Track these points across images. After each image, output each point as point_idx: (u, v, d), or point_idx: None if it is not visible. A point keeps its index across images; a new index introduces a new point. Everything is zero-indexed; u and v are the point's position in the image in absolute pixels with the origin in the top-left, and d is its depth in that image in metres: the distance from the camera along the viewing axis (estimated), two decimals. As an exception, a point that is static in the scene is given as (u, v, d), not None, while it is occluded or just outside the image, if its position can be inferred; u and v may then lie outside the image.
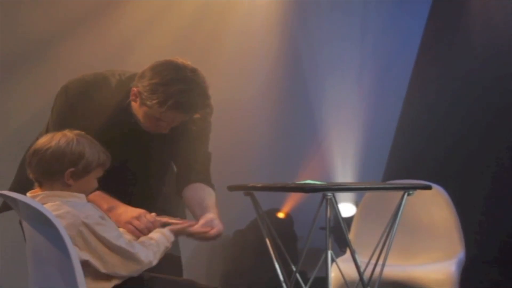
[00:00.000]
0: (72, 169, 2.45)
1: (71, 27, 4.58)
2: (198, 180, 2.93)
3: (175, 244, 2.71)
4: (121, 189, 2.78)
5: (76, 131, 2.52)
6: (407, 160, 5.11)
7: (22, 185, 2.61)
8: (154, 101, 2.66)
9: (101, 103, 2.79)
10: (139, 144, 2.85)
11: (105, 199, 2.69)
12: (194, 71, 2.69)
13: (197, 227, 2.69)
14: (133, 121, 2.79)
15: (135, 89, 2.73)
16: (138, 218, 2.63)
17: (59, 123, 2.75)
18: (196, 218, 2.81)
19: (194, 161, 2.94)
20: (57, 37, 4.55)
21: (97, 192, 2.65)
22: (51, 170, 2.45)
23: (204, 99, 2.70)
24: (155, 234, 2.60)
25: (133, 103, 2.77)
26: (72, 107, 2.79)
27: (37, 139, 2.69)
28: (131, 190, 2.88)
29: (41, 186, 2.49)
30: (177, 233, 2.66)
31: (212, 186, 2.97)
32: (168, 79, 2.66)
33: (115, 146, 2.71)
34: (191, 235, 2.71)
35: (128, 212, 2.66)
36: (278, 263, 3.29)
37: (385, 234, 3.14)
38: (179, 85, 2.65)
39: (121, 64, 3.01)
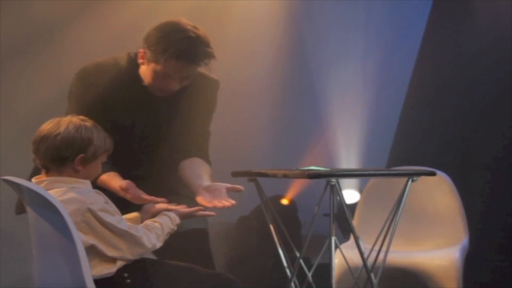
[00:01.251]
0: (82, 154, 2.46)
1: (74, 12, 4.57)
2: (198, 155, 3.00)
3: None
4: (136, 162, 2.89)
5: (81, 117, 2.53)
6: (411, 147, 5.10)
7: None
8: (158, 52, 2.78)
9: (115, 81, 2.88)
10: (152, 110, 2.92)
11: None
12: (194, 26, 2.83)
13: (205, 212, 2.74)
14: (144, 85, 2.88)
15: (141, 50, 2.84)
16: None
17: (76, 106, 2.85)
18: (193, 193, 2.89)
19: (196, 135, 3.01)
20: (60, 23, 4.55)
21: None
22: (61, 156, 2.45)
23: (205, 47, 2.81)
24: (160, 217, 2.61)
25: (142, 68, 2.87)
26: (88, 88, 2.87)
27: None
28: (146, 162, 2.96)
29: (47, 172, 2.49)
30: (184, 217, 2.68)
31: (209, 163, 3.04)
32: (169, 31, 2.81)
33: (132, 116, 2.88)
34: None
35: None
36: (282, 249, 3.29)
37: (389, 221, 3.14)
38: (180, 34, 2.78)
39: (125, 49, 3.02)
